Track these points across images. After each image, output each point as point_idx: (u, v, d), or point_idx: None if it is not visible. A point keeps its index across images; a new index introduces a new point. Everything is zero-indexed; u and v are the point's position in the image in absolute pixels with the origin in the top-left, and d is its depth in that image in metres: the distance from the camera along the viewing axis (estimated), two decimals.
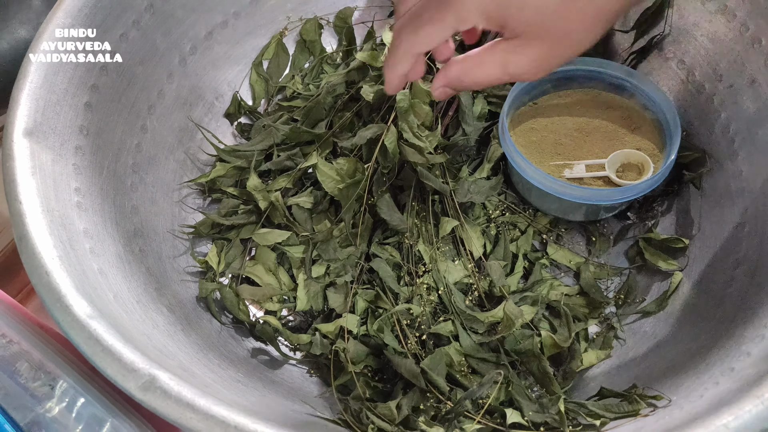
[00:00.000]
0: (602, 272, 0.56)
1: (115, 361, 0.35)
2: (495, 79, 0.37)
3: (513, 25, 0.34)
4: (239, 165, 0.58)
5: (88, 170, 0.48)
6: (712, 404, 0.36)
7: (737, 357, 0.41)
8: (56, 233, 0.41)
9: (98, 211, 0.47)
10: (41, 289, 0.38)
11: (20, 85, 0.45)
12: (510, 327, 0.50)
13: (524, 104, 0.59)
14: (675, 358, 0.47)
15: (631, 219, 0.59)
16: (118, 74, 0.52)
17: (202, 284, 0.53)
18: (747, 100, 0.54)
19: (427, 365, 0.47)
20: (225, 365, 0.46)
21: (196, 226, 0.56)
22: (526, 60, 0.35)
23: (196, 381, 0.39)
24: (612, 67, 0.57)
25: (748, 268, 0.49)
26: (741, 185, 0.53)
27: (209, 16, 0.60)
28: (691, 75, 0.59)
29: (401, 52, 0.37)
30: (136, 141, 0.54)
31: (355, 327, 0.51)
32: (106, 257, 0.45)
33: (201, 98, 0.62)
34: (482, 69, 0.37)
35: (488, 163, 0.58)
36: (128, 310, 0.43)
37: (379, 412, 0.45)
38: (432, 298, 0.53)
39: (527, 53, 0.35)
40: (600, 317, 0.54)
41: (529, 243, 0.57)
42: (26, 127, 0.44)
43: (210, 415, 0.34)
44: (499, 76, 0.36)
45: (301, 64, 0.67)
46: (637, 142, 0.56)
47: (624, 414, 0.44)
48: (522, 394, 0.47)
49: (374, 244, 0.55)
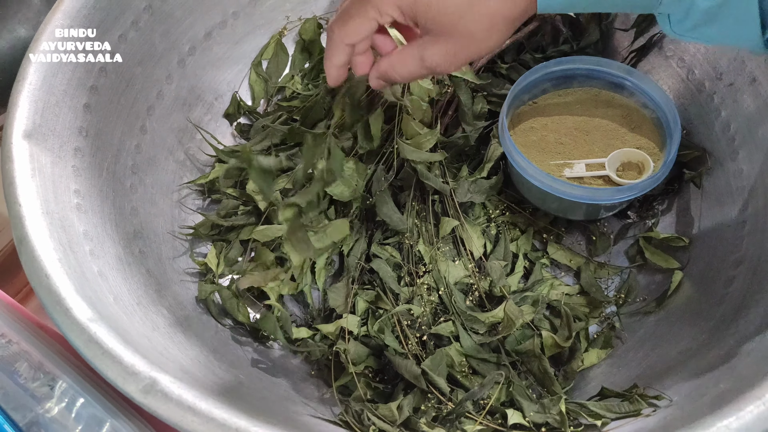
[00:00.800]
0: (603, 271, 0.56)
1: (115, 364, 0.35)
2: (416, 71, 0.41)
3: (423, 22, 0.38)
4: (239, 166, 0.58)
5: (88, 172, 0.48)
6: (714, 405, 0.36)
7: (738, 357, 0.41)
8: (56, 236, 0.41)
9: (98, 212, 0.47)
10: (41, 292, 0.38)
11: (19, 86, 0.45)
12: (511, 327, 0.50)
13: (524, 103, 0.59)
14: (676, 357, 0.47)
15: (632, 218, 0.59)
16: (117, 75, 0.52)
17: (201, 286, 0.53)
18: (747, 98, 0.53)
19: (428, 366, 0.47)
20: (226, 367, 0.46)
21: (195, 228, 0.56)
22: (438, 54, 0.39)
23: (197, 383, 0.39)
24: (612, 65, 0.57)
25: (749, 267, 0.49)
26: (741, 183, 0.53)
27: (208, 17, 0.60)
28: (691, 73, 0.59)
29: (334, 44, 0.41)
30: (135, 142, 0.54)
31: (355, 327, 0.51)
32: (106, 259, 0.45)
33: (200, 99, 0.61)
34: (403, 63, 0.41)
35: (488, 163, 0.58)
36: (128, 312, 0.43)
37: (380, 413, 0.45)
38: (432, 298, 0.53)
39: (438, 48, 0.39)
40: (600, 317, 0.54)
41: (529, 243, 0.57)
42: (25, 129, 0.44)
43: (211, 418, 0.34)
44: (418, 68, 0.40)
45: (301, 64, 0.67)
46: (637, 140, 0.56)
47: (625, 414, 0.44)
48: (523, 395, 0.47)
49: (374, 244, 0.55)
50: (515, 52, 0.63)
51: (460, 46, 0.38)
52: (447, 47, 0.39)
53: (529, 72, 0.57)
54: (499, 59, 0.63)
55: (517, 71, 0.61)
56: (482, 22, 0.37)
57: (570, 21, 0.63)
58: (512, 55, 0.63)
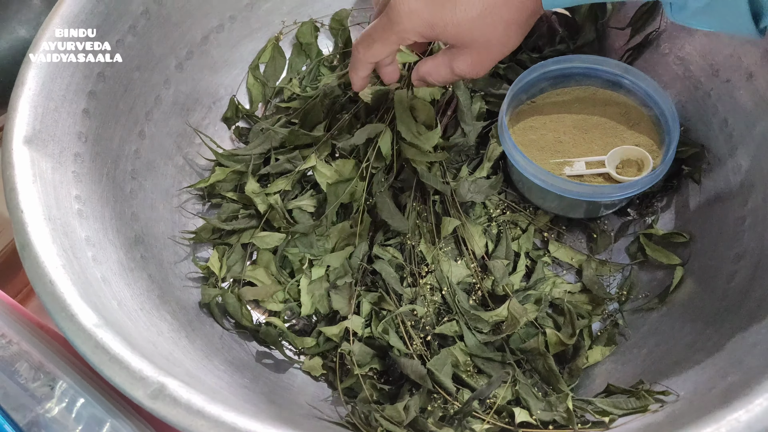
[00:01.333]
0: (604, 269, 0.56)
1: (123, 369, 0.35)
2: (449, 78, 0.46)
3: (444, 40, 0.43)
4: (238, 169, 0.58)
5: (88, 177, 0.48)
6: (722, 398, 0.36)
7: (745, 350, 0.41)
8: (59, 241, 0.40)
9: (99, 218, 0.47)
10: (46, 298, 0.38)
11: (18, 91, 0.45)
12: (515, 326, 0.50)
13: (522, 102, 0.59)
14: (681, 352, 0.47)
15: (632, 215, 0.60)
16: (115, 80, 0.52)
17: (204, 290, 0.53)
18: (744, 94, 0.54)
19: (433, 366, 0.47)
20: (231, 371, 0.46)
21: (196, 232, 0.56)
22: (465, 64, 0.44)
23: (204, 387, 0.39)
24: (609, 64, 0.57)
25: (750, 261, 0.49)
26: (741, 179, 0.54)
27: (205, 21, 0.60)
28: (688, 70, 0.59)
29: (359, 62, 0.47)
30: (134, 147, 0.54)
31: (360, 329, 0.51)
32: (109, 265, 0.45)
33: (198, 103, 0.61)
34: (438, 71, 0.46)
35: (488, 162, 0.58)
36: (132, 317, 0.43)
37: (387, 414, 0.44)
38: (435, 298, 0.53)
39: (464, 59, 0.44)
40: (603, 314, 0.54)
41: (530, 241, 0.57)
42: (26, 135, 0.44)
43: (221, 422, 0.34)
44: (450, 76, 0.46)
45: (299, 67, 0.67)
46: (636, 138, 0.56)
47: (632, 410, 0.44)
48: (529, 393, 0.47)
49: (376, 245, 0.55)
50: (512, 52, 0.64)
51: (482, 54, 0.43)
52: (471, 57, 0.43)
53: (526, 71, 0.57)
54: None
55: (514, 71, 0.62)
56: (497, 30, 0.41)
57: (566, 21, 0.64)
58: (509, 55, 0.63)
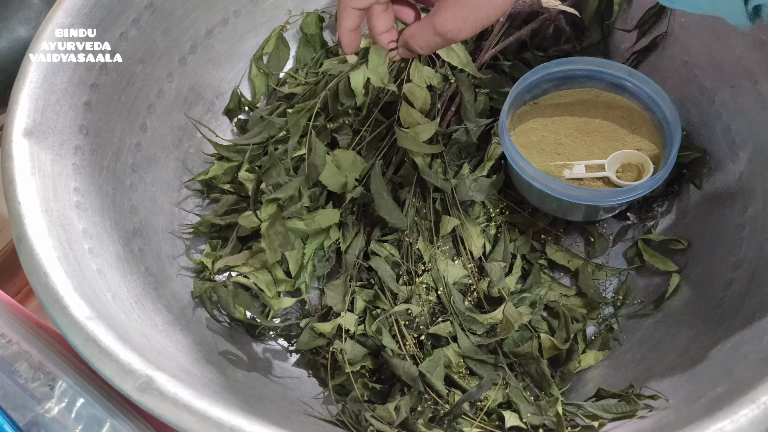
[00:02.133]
0: (601, 273, 0.56)
1: (112, 362, 0.36)
2: (430, 40, 0.42)
3: None
4: (237, 163, 0.58)
5: (88, 170, 0.48)
6: (709, 408, 0.36)
7: (735, 360, 0.41)
8: (55, 234, 0.41)
9: (98, 210, 0.47)
10: (40, 290, 0.38)
11: (20, 85, 0.45)
12: (509, 330, 0.50)
13: (525, 103, 0.59)
14: (673, 359, 0.47)
15: (631, 219, 0.59)
16: (117, 73, 0.52)
17: (196, 283, 0.53)
18: (749, 101, 0.53)
19: (426, 368, 0.47)
20: (223, 365, 0.46)
21: (195, 226, 0.56)
22: (448, 19, 0.40)
23: (195, 381, 0.40)
24: (613, 66, 0.57)
25: (748, 270, 0.49)
26: (741, 186, 0.53)
27: (209, 14, 0.60)
28: (693, 75, 0.58)
29: (342, 9, 0.43)
30: (135, 140, 0.54)
31: (353, 326, 0.51)
32: (105, 257, 0.45)
33: (201, 97, 0.61)
34: (421, 33, 0.42)
35: (489, 161, 0.58)
36: (127, 310, 0.43)
37: (377, 414, 0.45)
38: (431, 298, 0.53)
39: (448, 13, 0.40)
40: (598, 318, 0.54)
41: (527, 244, 0.57)
42: (26, 127, 0.44)
43: (207, 417, 0.34)
44: (432, 36, 0.42)
45: (306, 60, 0.66)
46: (638, 142, 0.56)
47: (622, 415, 0.44)
48: (519, 397, 0.47)
49: (373, 241, 0.55)
50: (517, 49, 0.63)
51: (468, 10, 0.40)
52: (455, 11, 0.40)
53: (530, 72, 0.57)
54: (501, 55, 0.63)
55: (519, 69, 0.61)
56: None
57: (572, 21, 0.63)
58: (514, 53, 0.63)
